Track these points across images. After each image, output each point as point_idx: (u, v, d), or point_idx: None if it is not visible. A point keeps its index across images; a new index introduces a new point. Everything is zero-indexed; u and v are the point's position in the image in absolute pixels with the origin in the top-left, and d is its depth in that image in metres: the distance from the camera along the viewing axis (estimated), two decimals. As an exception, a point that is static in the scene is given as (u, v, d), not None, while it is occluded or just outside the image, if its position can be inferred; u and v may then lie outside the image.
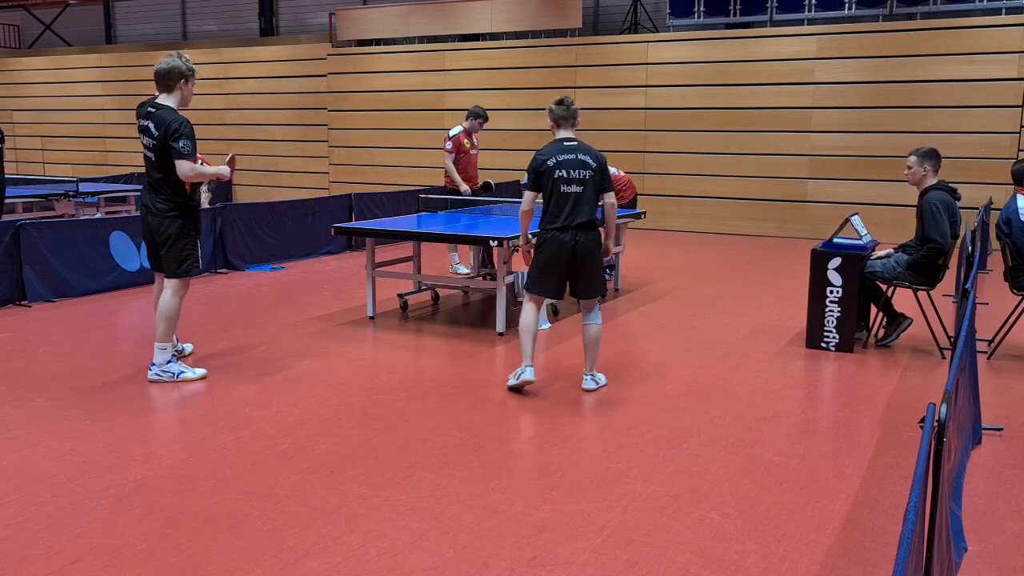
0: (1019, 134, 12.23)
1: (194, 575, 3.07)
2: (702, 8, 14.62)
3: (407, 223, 7.70)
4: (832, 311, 6.33)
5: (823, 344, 6.40)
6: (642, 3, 15.81)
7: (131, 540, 3.32)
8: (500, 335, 6.80)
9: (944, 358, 6.21)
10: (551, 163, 5.09)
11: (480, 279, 8.24)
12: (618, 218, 8.41)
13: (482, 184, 9.64)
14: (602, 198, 5.24)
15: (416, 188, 14.23)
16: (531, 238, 5.41)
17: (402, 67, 17.14)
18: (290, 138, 18.97)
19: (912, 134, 12.67)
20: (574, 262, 5.11)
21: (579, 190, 5.08)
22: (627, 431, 4.61)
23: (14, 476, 3.93)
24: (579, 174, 5.09)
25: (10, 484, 3.84)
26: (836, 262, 6.31)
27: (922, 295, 6.51)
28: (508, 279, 6.97)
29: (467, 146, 9.15)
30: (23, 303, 7.74)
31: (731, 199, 14.22)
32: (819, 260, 6.37)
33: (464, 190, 9.14)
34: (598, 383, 5.39)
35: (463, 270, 9.33)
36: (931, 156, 6.22)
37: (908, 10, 13.28)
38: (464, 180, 9.20)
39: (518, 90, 15.81)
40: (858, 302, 6.35)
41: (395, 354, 6.21)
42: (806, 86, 13.50)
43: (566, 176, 5.07)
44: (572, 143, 5.17)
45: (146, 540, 3.33)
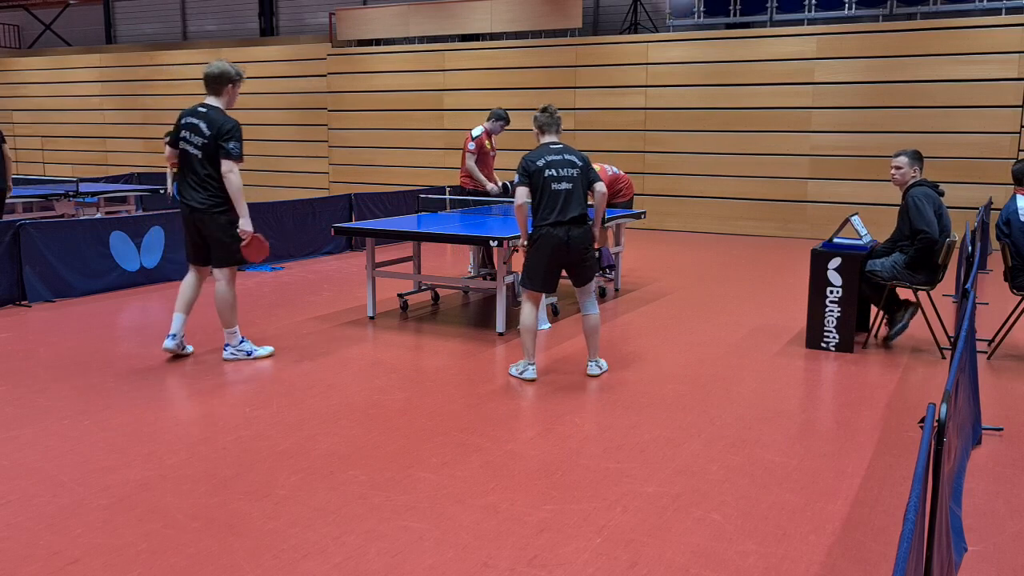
0: (1019, 134, 12.23)
1: (194, 575, 3.08)
2: (702, 8, 14.63)
3: (407, 223, 7.70)
4: (832, 311, 6.34)
5: (823, 344, 6.40)
6: (642, 3, 15.82)
7: (131, 540, 3.33)
8: (500, 335, 6.80)
9: (944, 358, 6.21)
10: (540, 163, 5.39)
11: (480, 279, 8.24)
12: (618, 218, 8.46)
13: (500, 185, 9.62)
14: (592, 190, 5.53)
15: (416, 188, 14.24)
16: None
17: (402, 67, 17.14)
18: (290, 138, 18.97)
19: (912, 134, 12.68)
20: (569, 256, 5.41)
21: (568, 187, 5.37)
22: (627, 431, 4.62)
23: (14, 476, 3.93)
24: (567, 172, 5.39)
25: (10, 484, 3.84)
26: (836, 262, 6.32)
27: (922, 295, 6.51)
28: (508, 279, 6.98)
29: (488, 147, 9.15)
30: (23, 303, 7.74)
31: (731, 199, 14.23)
32: (819, 260, 6.38)
33: (491, 188, 9.10)
34: (601, 368, 5.72)
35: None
36: (919, 157, 6.42)
37: (908, 10, 13.28)
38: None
39: (518, 90, 15.80)
40: (858, 305, 6.36)
41: (395, 354, 6.21)
42: (806, 86, 13.50)
43: (556, 175, 5.37)
44: (557, 146, 5.49)
45: (146, 540, 3.33)
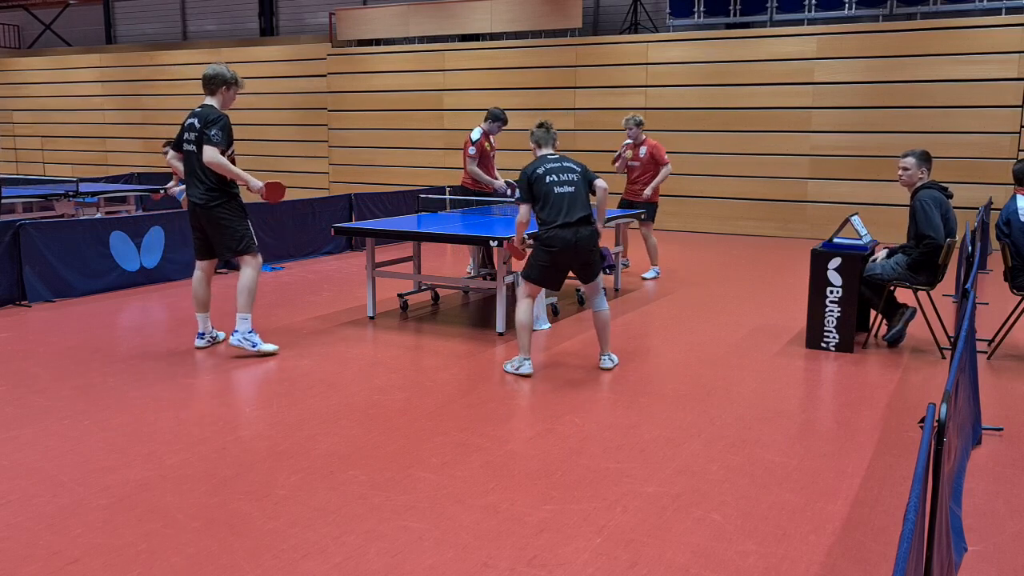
0: (1019, 134, 12.23)
1: (194, 575, 3.08)
2: (702, 8, 14.63)
3: (407, 223, 7.70)
4: (832, 311, 6.34)
5: (823, 344, 6.40)
6: (642, 3, 15.81)
7: (131, 540, 3.32)
8: (500, 335, 6.80)
9: (944, 358, 6.21)
10: (540, 171, 5.63)
11: (480, 279, 8.24)
12: (617, 219, 8.46)
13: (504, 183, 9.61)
14: (593, 190, 5.70)
15: (416, 188, 14.23)
16: (526, 239, 5.86)
17: (402, 67, 17.14)
18: (290, 138, 18.97)
19: (912, 134, 12.67)
20: (577, 256, 5.59)
21: (571, 190, 5.59)
22: (627, 431, 4.62)
23: (14, 476, 3.93)
24: (568, 177, 5.64)
25: (10, 484, 3.84)
26: (836, 262, 6.32)
27: (922, 295, 6.51)
28: (508, 279, 6.98)
29: (488, 148, 9.16)
30: (23, 303, 7.74)
31: (731, 199, 14.23)
32: (819, 260, 6.38)
33: (498, 186, 9.09)
34: (614, 362, 5.93)
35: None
36: (927, 158, 6.39)
37: (908, 10, 13.28)
38: None
39: (518, 90, 15.80)
40: (858, 305, 6.36)
41: (395, 354, 6.21)
42: (806, 86, 13.50)
43: (557, 180, 5.62)
44: (554, 156, 5.75)
45: (146, 540, 3.33)
